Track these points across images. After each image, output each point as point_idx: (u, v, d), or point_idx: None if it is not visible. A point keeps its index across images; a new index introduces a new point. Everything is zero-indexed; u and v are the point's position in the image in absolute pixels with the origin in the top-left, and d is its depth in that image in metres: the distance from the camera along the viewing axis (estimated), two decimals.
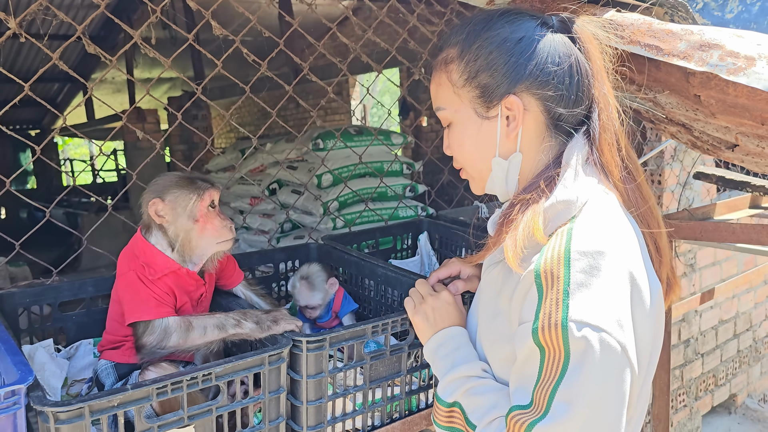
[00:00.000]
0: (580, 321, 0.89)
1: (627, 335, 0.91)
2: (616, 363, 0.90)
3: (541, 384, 0.92)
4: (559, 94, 1.06)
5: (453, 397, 1.09)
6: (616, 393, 0.90)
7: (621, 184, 1.08)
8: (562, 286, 0.92)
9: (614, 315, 0.91)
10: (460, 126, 1.13)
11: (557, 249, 0.96)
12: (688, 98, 1.30)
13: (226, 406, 1.22)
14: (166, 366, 1.38)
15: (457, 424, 1.08)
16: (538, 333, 0.92)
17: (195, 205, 1.45)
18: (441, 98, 1.15)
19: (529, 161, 1.11)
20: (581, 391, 0.88)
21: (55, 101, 11.89)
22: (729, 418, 4.21)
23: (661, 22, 1.20)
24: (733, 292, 4.07)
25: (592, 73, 1.08)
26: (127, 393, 1.07)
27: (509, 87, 1.06)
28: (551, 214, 1.01)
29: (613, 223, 1.00)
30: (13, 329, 1.51)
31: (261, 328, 1.37)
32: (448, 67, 1.11)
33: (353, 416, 1.44)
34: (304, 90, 9.91)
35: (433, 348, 1.19)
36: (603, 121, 1.07)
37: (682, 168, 3.45)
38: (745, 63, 1.08)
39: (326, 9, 6.95)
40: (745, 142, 1.43)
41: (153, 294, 1.40)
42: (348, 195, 3.18)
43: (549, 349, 0.91)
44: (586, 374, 0.88)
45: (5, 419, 0.98)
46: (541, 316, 0.93)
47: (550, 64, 1.05)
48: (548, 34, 1.07)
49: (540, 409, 0.91)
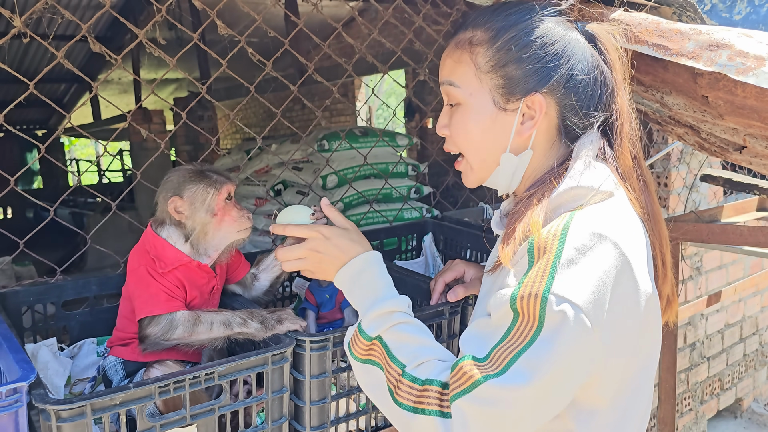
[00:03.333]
0: (561, 296, 0.88)
1: (604, 321, 0.89)
2: (586, 345, 0.88)
3: (504, 344, 0.90)
4: (579, 104, 1.05)
5: (378, 331, 1.06)
6: (576, 374, 0.90)
7: (641, 196, 1.06)
8: (552, 259, 0.90)
9: (596, 298, 0.89)
10: (470, 110, 1.08)
11: (556, 226, 0.95)
12: (696, 99, 1.29)
13: (228, 406, 1.22)
14: (171, 365, 1.38)
15: (376, 357, 1.05)
16: (517, 300, 0.90)
17: (213, 199, 1.46)
18: (457, 75, 1.09)
19: (535, 161, 1.09)
20: (546, 364, 0.87)
21: (62, 102, 11.95)
22: (735, 423, 4.18)
23: (670, 22, 1.19)
24: (739, 296, 4.04)
25: (615, 85, 1.07)
26: (130, 391, 1.07)
27: (536, 85, 1.04)
28: (558, 203, 0.99)
29: (619, 213, 0.99)
30: (16, 328, 1.51)
31: (265, 327, 1.36)
32: (475, 48, 1.07)
33: (356, 417, 1.44)
34: (310, 91, 9.92)
35: (350, 275, 1.15)
36: (625, 132, 1.06)
37: (689, 170, 3.43)
38: (754, 63, 1.07)
39: (332, 10, 6.96)
40: (753, 143, 1.42)
41: (163, 288, 1.41)
42: (353, 196, 3.18)
43: (523, 316, 0.90)
44: (555, 349, 0.87)
45: (7, 417, 0.98)
46: (524, 283, 0.91)
47: (579, 73, 1.03)
48: (583, 41, 1.06)
49: (496, 367, 0.89)
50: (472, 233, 2.10)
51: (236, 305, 1.55)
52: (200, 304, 1.51)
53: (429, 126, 8.60)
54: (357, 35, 7.22)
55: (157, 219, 1.50)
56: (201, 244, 1.48)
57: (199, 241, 1.48)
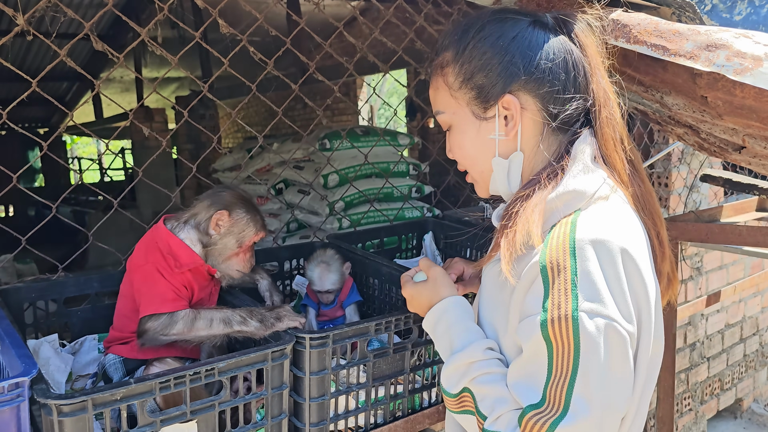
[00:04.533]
0: (590, 311, 0.89)
1: (633, 325, 0.92)
2: (624, 353, 0.91)
3: (553, 381, 0.92)
4: (554, 90, 1.05)
5: (458, 387, 1.07)
6: (627, 376, 0.92)
7: (627, 179, 1.07)
8: (569, 276, 0.91)
9: (622, 305, 0.91)
10: (459, 128, 1.13)
11: (561, 239, 0.95)
12: (695, 99, 1.30)
13: (228, 402, 1.22)
14: (171, 362, 1.38)
15: (468, 406, 1.06)
16: (547, 326, 0.92)
17: (248, 235, 1.53)
18: (439, 102, 1.15)
19: (529, 159, 1.10)
20: (598, 385, 0.89)
21: (64, 100, 11.95)
22: (735, 423, 4.19)
23: (668, 22, 1.20)
24: (739, 296, 4.04)
25: (590, 68, 1.07)
26: (130, 387, 1.08)
27: (504, 86, 1.06)
28: (556, 205, 1.00)
29: (619, 215, 1.00)
30: (18, 324, 1.52)
31: (265, 326, 1.37)
32: (444, 70, 1.12)
33: (356, 414, 1.45)
34: (312, 91, 9.91)
35: (431, 326, 1.17)
36: (604, 116, 1.06)
37: (689, 171, 3.43)
38: (752, 63, 1.08)
39: (334, 9, 6.96)
40: (752, 144, 1.42)
41: (172, 287, 1.42)
42: (354, 195, 3.19)
43: (557, 343, 0.91)
44: (599, 366, 0.89)
45: (9, 412, 0.99)
46: (549, 307, 0.92)
47: (544, 61, 1.04)
48: (541, 31, 1.07)
49: (557, 407, 0.90)
50: (472, 232, 2.11)
51: (237, 302, 1.56)
52: (201, 304, 1.53)
53: (430, 126, 8.60)
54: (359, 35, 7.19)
55: (178, 219, 1.52)
56: (211, 258, 1.52)
57: (212, 256, 1.52)
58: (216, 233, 1.50)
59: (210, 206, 1.51)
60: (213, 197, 1.53)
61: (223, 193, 1.55)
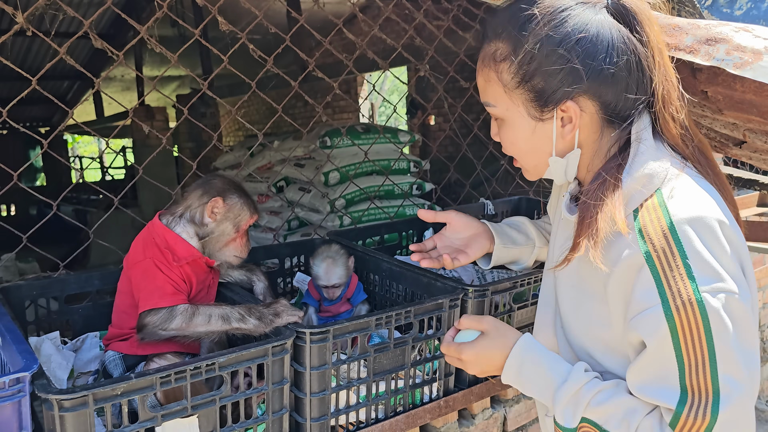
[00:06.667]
0: (711, 290, 0.89)
1: (747, 291, 0.93)
2: (748, 320, 0.92)
3: (690, 370, 0.91)
4: (616, 95, 1.01)
5: (576, 420, 1.03)
6: (756, 347, 0.93)
7: (690, 153, 1.05)
8: (680, 260, 0.91)
9: (736, 275, 0.91)
10: (511, 125, 1.09)
11: (657, 223, 0.94)
12: (696, 94, 1.30)
13: (229, 397, 1.23)
14: (171, 357, 1.39)
15: None
16: (673, 315, 0.90)
17: (245, 218, 1.55)
18: (490, 95, 1.09)
19: (587, 152, 1.07)
20: (738, 359, 0.90)
21: (65, 99, 11.96)
22: None
23: (668, 17, 1.20)
24: None
25: (653, 62, 1.01)
26: (131, 382, 1.08)
27: (566, 93, 1.01)
28: (634, 187, 0.98)
29: (699, 188, 0.98)
30: (19, 321, 1.52)
31: (264, 323, 1.37)
32: (498, 66, 1.05)
33: (356, 409, 1.45)
34: (313, 88, 9.91)
35: (514, 374, 1.12)
36: (667, 115, 1.03)
37: None
38: (751, 57, 1.08)
39: (334, 7, 6.96)
40: (752, 138, 1.42)
41: (170, 281, 1.43)
42: (355, 192, 3.18)
43: (684, 330, 0.90)
44: (734, 340, 0.89)
45: (10, 407, 0.99)
46: (669, 296, 0.91)
47: (608, 66, 0.98)
48: (606, 28, 0.99)
49: (706, 394, 0.90)
50: None
51: (237, 298, 1.56)
52: (200, 298, 1.53)
53: (431, 123, 8.59)
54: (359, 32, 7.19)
55: (172, 213, 1.52)
56: (208, 248, 1.53)
57: (209, 245, 1.53)
58: (212, 221, 1.51)
59: (203, 195, 1.52)
60: (204, 186, 1.54)
61: (214, 181, 1.56)
